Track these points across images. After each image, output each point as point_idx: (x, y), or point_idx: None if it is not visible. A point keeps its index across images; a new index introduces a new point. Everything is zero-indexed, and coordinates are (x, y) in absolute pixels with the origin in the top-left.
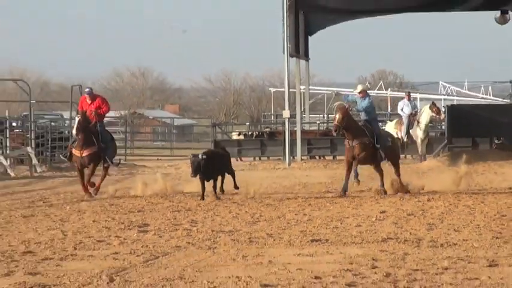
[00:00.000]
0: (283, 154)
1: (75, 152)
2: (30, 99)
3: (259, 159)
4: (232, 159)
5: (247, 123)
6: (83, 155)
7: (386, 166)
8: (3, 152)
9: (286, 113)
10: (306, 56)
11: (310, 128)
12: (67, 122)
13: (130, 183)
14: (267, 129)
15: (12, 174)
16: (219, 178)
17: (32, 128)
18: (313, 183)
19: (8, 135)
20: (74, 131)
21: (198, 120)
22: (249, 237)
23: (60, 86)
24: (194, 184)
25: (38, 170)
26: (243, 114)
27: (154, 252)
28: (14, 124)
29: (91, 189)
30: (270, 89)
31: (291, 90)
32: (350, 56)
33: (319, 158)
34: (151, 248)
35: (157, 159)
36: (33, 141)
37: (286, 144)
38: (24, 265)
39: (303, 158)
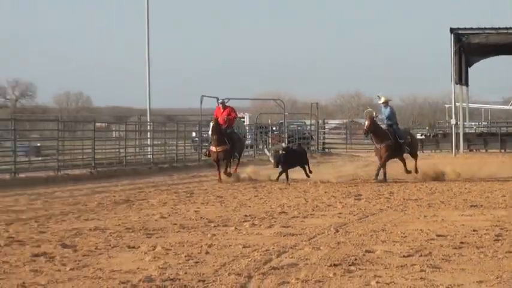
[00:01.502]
0: (451, 148)
1: (212, 148)
2: (284, 112)
3: (435, 151)
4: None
5: (427, 128)
6: (218, 150)
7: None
8: (267, 146)
9: (453, 121)
10: (466, 84)
11: (469, 131)
12: (308, 127)
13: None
14: (440, 132)
15: (272, 161)
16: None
17: (285, 131)
18: (470, 167)
19: (270, 136)
20: (210, 132)
21: None
22: (428, 203)
23: (303, 103)
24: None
25: None
26: (424, 122)
27: (365, 212)
28: (274, 128)
29: (224, 176)
30: (444, 105)
31: (457, 105)
32: (496, 82)
33: (475, 150)
34: (363, 210)
35: (367, 151)
36: (286, 139)
37: (453, 141)
38: (280, 221)
39: (464, 150)
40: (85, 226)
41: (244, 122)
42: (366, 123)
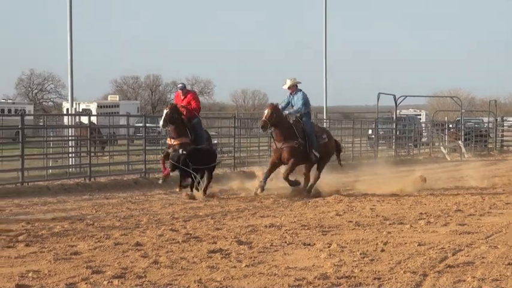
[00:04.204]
0: None
1: (169, 141)
2: (461, 109)
3: None
4: None
5: None
6: (174, 143)
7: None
8: (443, 144)
9: None
10: None
11: None
12: (485, 124)
13: None
14: None
15: (448, 159)
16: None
17: (462, 128)
18: None
19: (446, 133)
20: (161, 123)
21: None
22: None
23: (481, 100)
24: None
25: (465, 156)
26: None
27: None
28: (450, 125)
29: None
30: None
31: None
32: None
33: None
34: None
35: None
36: (462, 137)
37: None
38: (455, 219)
39: None
40: (260, 223)
41: (420, 119)
42: (266, 112)
